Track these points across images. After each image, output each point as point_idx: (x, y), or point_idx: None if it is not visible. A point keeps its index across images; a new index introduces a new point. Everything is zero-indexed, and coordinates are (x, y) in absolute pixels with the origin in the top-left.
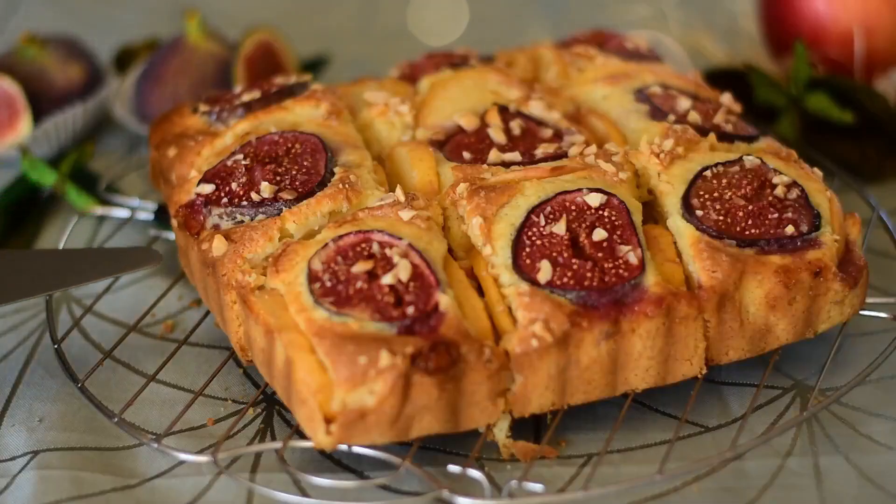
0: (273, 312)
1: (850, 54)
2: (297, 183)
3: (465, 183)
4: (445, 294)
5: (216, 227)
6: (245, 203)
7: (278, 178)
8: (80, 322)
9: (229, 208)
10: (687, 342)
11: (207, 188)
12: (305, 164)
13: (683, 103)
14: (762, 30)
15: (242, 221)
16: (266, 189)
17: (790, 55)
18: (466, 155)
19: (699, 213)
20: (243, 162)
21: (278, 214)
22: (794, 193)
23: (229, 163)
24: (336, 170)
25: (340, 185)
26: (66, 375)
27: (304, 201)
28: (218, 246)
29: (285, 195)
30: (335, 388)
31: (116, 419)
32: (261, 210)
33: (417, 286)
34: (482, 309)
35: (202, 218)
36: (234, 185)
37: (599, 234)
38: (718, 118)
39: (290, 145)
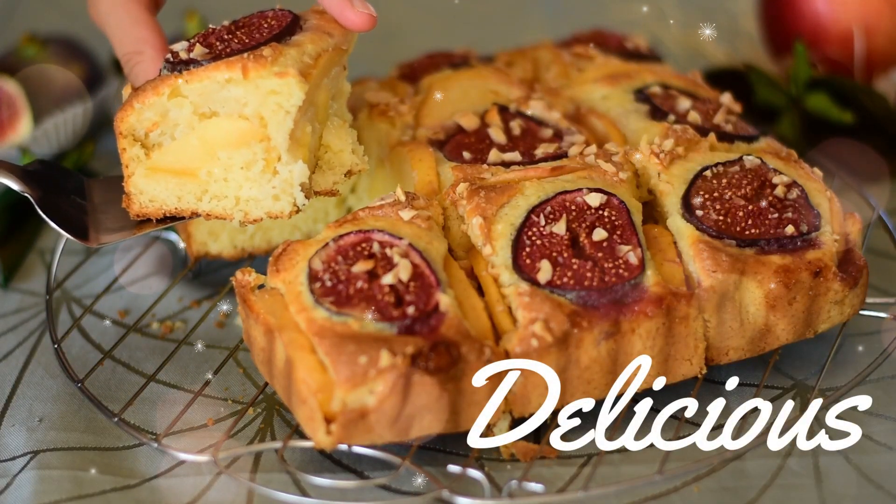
0: (273, 312)
1: (850, 54)
2: (228, 50)
3: (465, 183)
4: (446, 294)
5: None
6: (172, 60)
7: (220, 45)
8: (80, 322)
9: (164, 64)
10: (687, 342)
11: (179, 46)
12: (256, 35)
13: (683, 103)
14: (762, 30)
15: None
16: (197, 51)
17: (790, 55)
18: (466, 155)
19: (699, 212)
20: (225, 24)
21: (180, 73)
22: (794, 193)
23: (217, 27)
24: (273, 44)
25: (247, 55)
26: (66, 375)
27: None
28: (125, 95)
29: (201, 58)
30: (335, 388)
31: (116, 419)
32: (177, 68)
33: (418, 286)
34: (482, 309)
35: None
36: (190, 44)
37: (599, 233)
38: (718, 118)
39: (270, 22)
